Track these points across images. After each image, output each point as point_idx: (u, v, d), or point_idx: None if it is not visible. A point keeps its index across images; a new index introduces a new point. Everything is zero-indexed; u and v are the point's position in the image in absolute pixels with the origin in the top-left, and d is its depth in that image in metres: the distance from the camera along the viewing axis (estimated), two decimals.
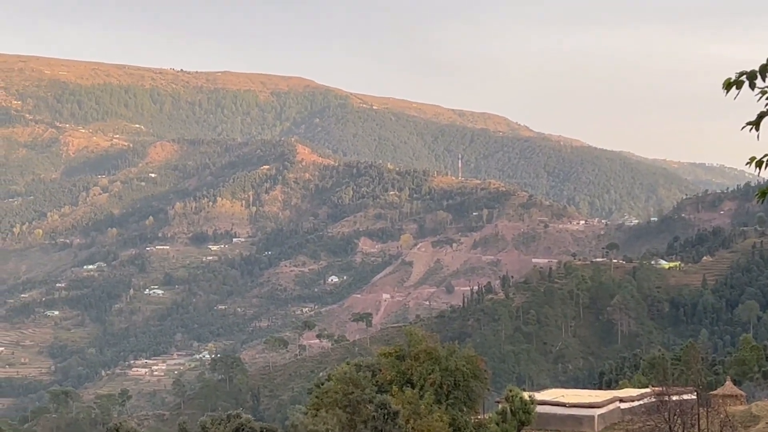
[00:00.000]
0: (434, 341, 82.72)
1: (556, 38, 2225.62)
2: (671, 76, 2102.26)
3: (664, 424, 70.90)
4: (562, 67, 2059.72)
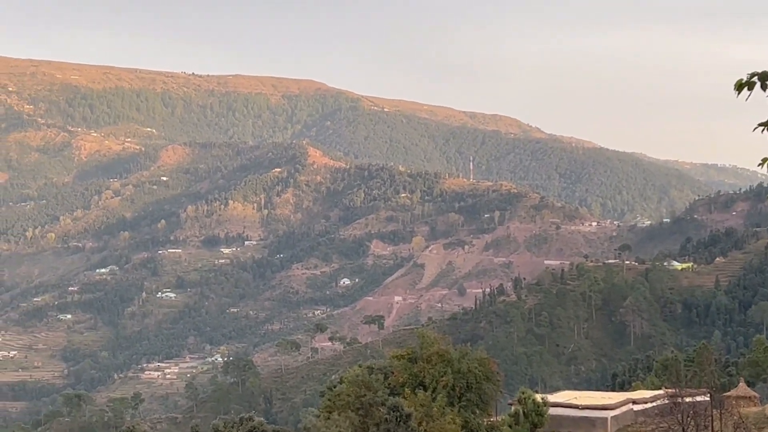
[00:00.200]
0: (446, 343, 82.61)
1: (567, 40, 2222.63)
2: (683, 76, 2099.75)
3: (677, 425, 70.66)
4: (574, 68, 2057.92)
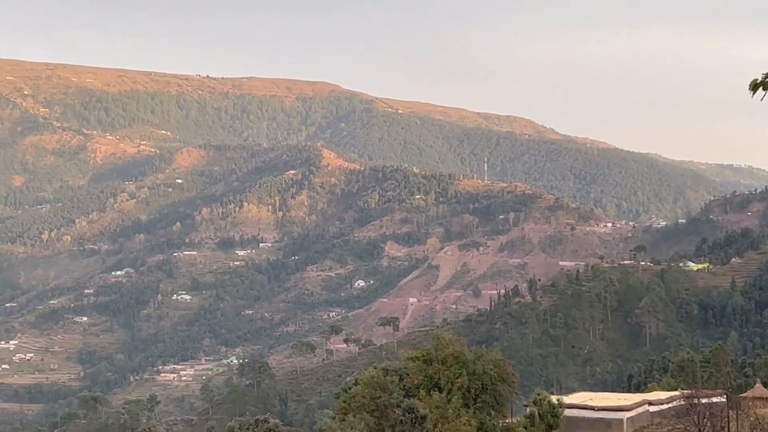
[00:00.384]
0: (461, 345, 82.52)
1: (582, 40, 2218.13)
2: (698, 77, 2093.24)
3: (693, 427, 70.51)
4: (588, 69, 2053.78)
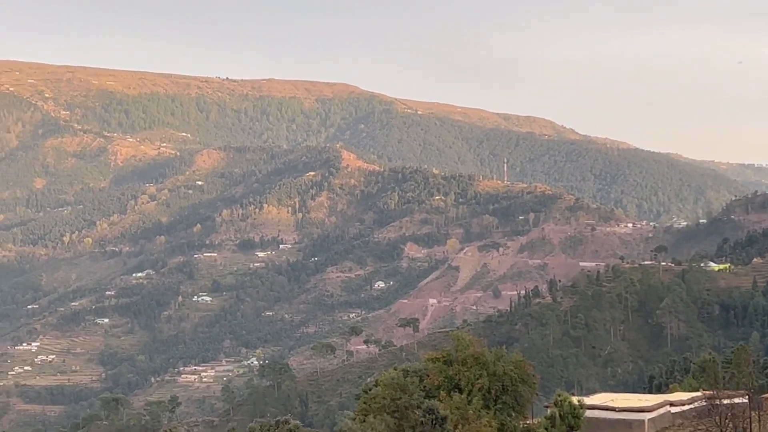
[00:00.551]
0: (482, 346, 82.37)
1: (601, 41, 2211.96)
2: (719, 76, 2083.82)
3: (715, 428, 70.23)
4: (608, 69, 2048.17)
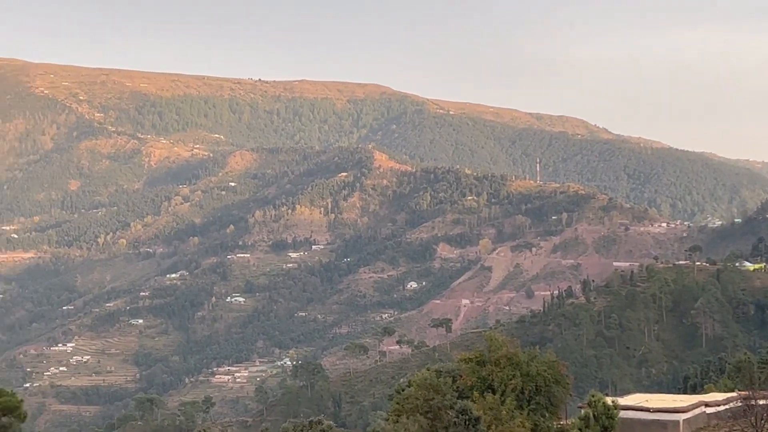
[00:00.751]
0: (515, 346, 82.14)
1: (634, 39, 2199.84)
2: (753, 74, 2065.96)
3: (750, 428, 69.68)
4: (640, 68, 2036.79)
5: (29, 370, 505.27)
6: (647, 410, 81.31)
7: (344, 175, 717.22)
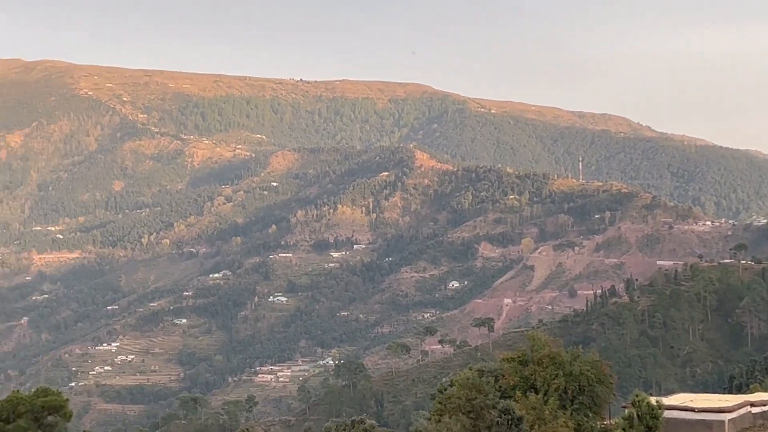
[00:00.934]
0: (557, 346, 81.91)
1: (677, 36, 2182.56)
2: None
3: None
4: (684, 65, 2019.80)
5: (74, 369, 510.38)
6: (692, 410, 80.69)
7: (385, 174, 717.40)
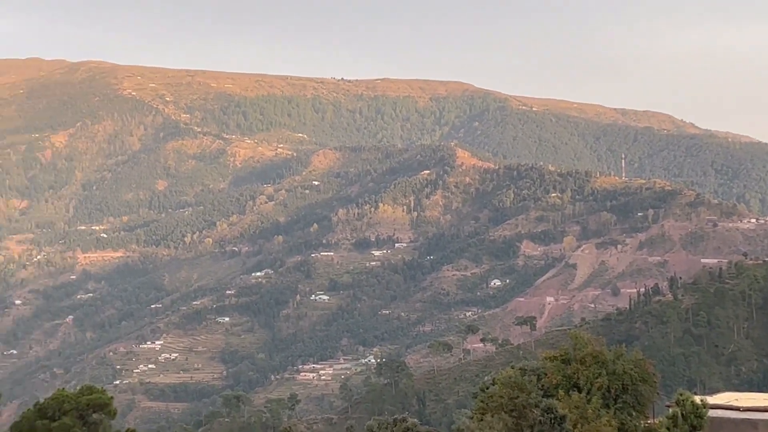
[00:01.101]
0: (600, 344, 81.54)
1: (721, 32, 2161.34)
2: None
3: None
4: (727, 61, 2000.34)
5: (119, 367, 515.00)
6: (737, 409, 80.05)
7: (427, 173, 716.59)
